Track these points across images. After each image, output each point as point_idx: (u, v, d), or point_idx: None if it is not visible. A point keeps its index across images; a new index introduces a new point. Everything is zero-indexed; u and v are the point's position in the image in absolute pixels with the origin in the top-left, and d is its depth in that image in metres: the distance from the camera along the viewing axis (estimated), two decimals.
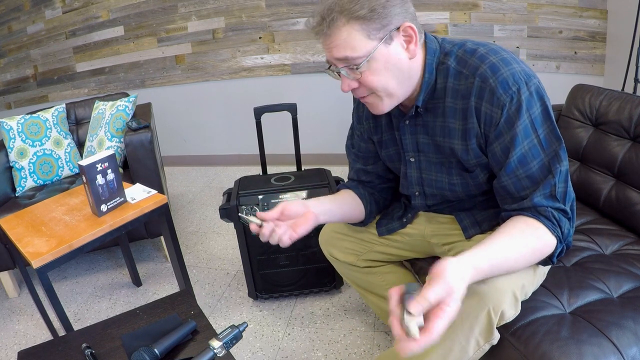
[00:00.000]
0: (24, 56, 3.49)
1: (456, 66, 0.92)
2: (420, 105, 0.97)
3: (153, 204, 1.51)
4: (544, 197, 0.87)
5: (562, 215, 0.87)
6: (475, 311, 0.86)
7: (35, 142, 2.21)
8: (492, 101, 0.87)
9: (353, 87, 0.92)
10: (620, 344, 0.86)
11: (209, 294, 1.94)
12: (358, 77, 0.90)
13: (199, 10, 3.01)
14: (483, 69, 0.88)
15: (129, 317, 1.18)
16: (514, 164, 0.89)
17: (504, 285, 0.86)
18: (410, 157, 1.08)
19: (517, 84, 0.86)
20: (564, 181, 0.88)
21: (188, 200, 2.92)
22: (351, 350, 1.55)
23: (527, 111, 0.86)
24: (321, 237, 1.40)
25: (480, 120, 0.91)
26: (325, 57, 0.93)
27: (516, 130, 0.87)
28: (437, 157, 1.03)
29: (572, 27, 2.48)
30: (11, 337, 1.81)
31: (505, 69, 0.87)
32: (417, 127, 1.02)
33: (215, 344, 0.91)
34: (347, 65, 0.89)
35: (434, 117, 0.98)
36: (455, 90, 0.93)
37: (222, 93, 3.22)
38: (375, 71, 0.89)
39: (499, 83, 0.86)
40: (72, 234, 1.35)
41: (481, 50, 0.91)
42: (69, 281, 2.15)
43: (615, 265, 1.08)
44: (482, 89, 0.88)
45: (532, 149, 0.88)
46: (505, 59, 0.88)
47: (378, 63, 0.88)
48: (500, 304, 0.86)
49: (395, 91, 0.92)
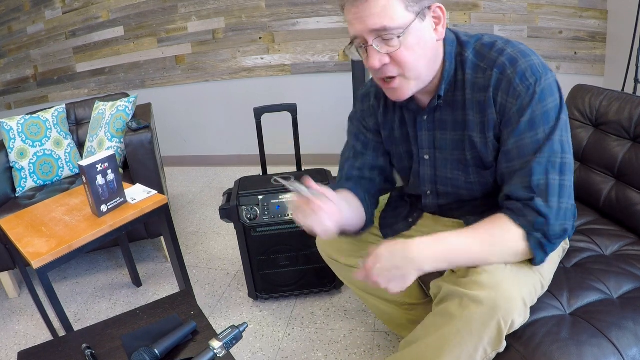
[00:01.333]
0: (24, 56, 3.49)
1: (474, 59, 0.92)
2: (442, 94, 0.94)
3: (153, 204, 1.51)
4: (517, 188, 0.88)
5: (527, 206, 0.86)
6: (485, 321, 0.84)
7: (36, 143, 2.21)
8: (508, 91, 0.87)
9: (385, 63, 0.87)
10: (620, 344, 0.86)
11: (209, 294, 1.94)
12: (392, 50, 0.85)
13: (199, 10, 3.01)
14: (501, 61, 0.87)
15: (129, 318, 1.18)
16: (509, 154, 0.89)
17: (514, 293, 0.84)
18: (424, 155, 1.05)
19: (534, 75, 0.85)
20: (549, 173, 0.86)
21: (188, 200, 2.92)
22: (351, 351, 1.55)
23: (539, 102, 0.85)
24: (319, 240, 1.35)
25: (497, 111, 0.90)
26: (352, 31, 0.88)
27: (523, 119, 0.86)
28: (454, 154, 1.00)
29: (572, 28, 2.48)
30: (11, 337, 1.81)
31: (523, 60, 0.86)
32: (435, 123, 1.00)
33: (216, 345, 0.91)
34: (382, 36, 0.84)
35: (453, 111, 0.96)
36: (473, 84, 0.92)
37: (222, 93, 3.22)
38: (409, 46, 0.85)
39: (517, 74, 0.86)
40: (72, 235, 1.35)
41: (499, 43, 0.90)
42: (69, 281, 2.15)
43: (615, 266, 1.08)
44: (500, 80, 0.87)
45: (533, 143, 0.87)
46: (524, 51, 0.88)
47: (413, 38, 0.85)
48: (511, 313, 0.84)
49: (423, 73, 0.90)
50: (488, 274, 0.86)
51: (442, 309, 0.91)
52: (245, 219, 1.66)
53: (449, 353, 0.88)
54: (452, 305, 0.88)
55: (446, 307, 0.90)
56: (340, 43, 2.83)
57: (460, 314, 0.86)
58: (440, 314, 0.92)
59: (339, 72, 2.92)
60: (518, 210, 0.88)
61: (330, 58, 2.90)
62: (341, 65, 2.90)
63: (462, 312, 0.86)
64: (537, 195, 0.86)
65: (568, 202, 0.88)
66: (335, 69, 2.92)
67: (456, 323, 0.87)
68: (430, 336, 0.93)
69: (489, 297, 0.83)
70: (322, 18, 2.83)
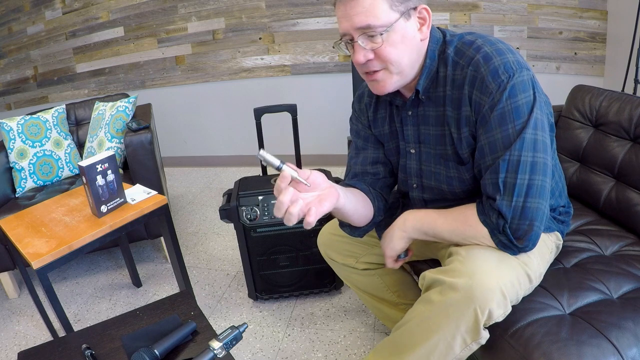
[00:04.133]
0: (24, 57, 3.49)
1: (454, 56, 0.94)
2: (420, 89, 0.97)
3: (153, 204, 1.51)
4: (486, 184, 0.91)
5: (490, 206, 0.90)
6: (460, 307, 0.86)
7: (35, 143, 2.21)
8: (481, 89, 0.88)
9: (369, 59, 0.91)
10: (620, 345, 0.86)
11: (209, 294, 1.94)
12: (376, 46, 0.90)
13: (199, 11, 3.01)
14: (477, 59, 0.90)
15: (129, 318, 1.18)
16: (482, 150, 0.91)
17: (491, 283, 0.85)
18: (410, 149, 1.08)
19: (507, 72, 0.86)
20: (518, 172, 0.87)
21: (188, 201, 2.92)
22: (351, 351, 1.55)
23: (509, 98, 0.86)
24: (320, 239, 1.39)
25: (471, 108, 0.92)
26: (340, 28, 0.93)
27: (493, 115, 0.88)
28: (437, 148, 1.03)
29: (572, 28, 2.49)
30: (11, 337, 1.81)
31: (497, 58, 0.88)
32: (419, 118, 1.03)
33: (215, 345, 0.91)
34: (367, 33, 0.89)
35: (435, 106, 0.99)
36: (452, 80, 0.94)
37: (222, 94, 3.22)
38: (393, 43, 0.90)
39: (489, 71, 0.87)
40: (72, 235, 1.35)
41: (478, 41, 0.92)
42: (69, 282, 2.15)
43: (615, 266, 1.08)
44: (474, 77, 0.89)
45: (504, 139, 0.88)
46: (500, 49, 0.89)
47: (396, 35, 0.89)
48: (488, 302, 0.85)
49: (406, 68, 0.94)
50: (468, 262, 0.89)
51: (425, 296, 0.94)
52: (245, 219, 1.66)
53: (426, 339, 0.91)
54: (434, 293, 0.91)
55: (428, 295, 0.93)
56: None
57: (439, 300, 0.89)
58: (423, 300, 0.95)
59: (339, 72, 2.92)
60: (484, 208, 0.92)
61: (330, 58, 2.91)
62: (341, 65, 2.90)
63: (440, 298, 0.89)
64: (502, 194, 0.88)
65: (537, 202, 0.88)
66: (335, 70, 2.92)
67: (434, 308, 0.90)
68: (412, 321, 0.96)
69: (465, 285, 0.85)
70: (322, 18, 2.83)
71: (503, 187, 0.88)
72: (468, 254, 0.91)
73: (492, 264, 0.88)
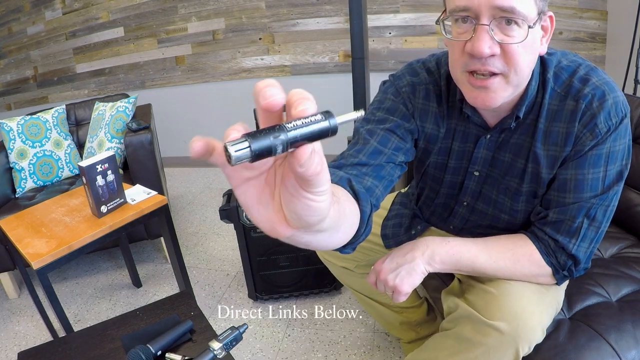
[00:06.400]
0: (24, 57, 3.49)
1: (552, 83, 0.82)
2: (521, 116, 0.83)
3: (153, 205, 1.51)
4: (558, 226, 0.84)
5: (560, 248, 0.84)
6: (503, 349, 0.82)
7: (35, 143, 2.21)
8: (588, 125, 0.78)
9: (495, 53, 0.72)
10: (619, 347, 0.86)
11: (209, 295, 1.94)
12: (509, 41, 0.71)
13: (199, 11, 3.01)
14: (587, 92, 0.78)
15: (129, 318, 1.18)
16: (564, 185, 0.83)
17: (534, 323, 0.82)
18: (474, 171, 0.94)
19: (617, 115, 0.78)
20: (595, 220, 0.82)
21: (188, 201, 2.92)
22: (351, 352, 1.55)
23: (613, 141, 0.79)
24: None
25: (573, 147, 0.81)
26: (460, 4, 0.71)
27: (591, 153, 0.79)
28: (507, 179, 0.90)
29: (572, 28, 2.49)
30: (11, 338, 1.82)
31: (610, 96, 0.78)
32: (498, 143, 0.89)
33: (215, 346, 0.91)
34: (507, 18, 0.70)
35: (521, 135, 0.85)
36: (548, 110, 0.82)
37: (222, 94, 3.22)
38: (527, 45, 0.72)
39: (602, 110, 0.77)
40: (72, 235, 1.35)
41: (581, 70, 0.81)
42: (69, 282, 2.15)
43: (614, 269, 1.08)
44: (584, 113, 0.79)
45: (593, 181, 0.80)
46: (609, 82, 0.80)
47: (530, 38, 0.72)
48: (531, 342, 0.82)
49: (523, 83, 0.78)
50: (507, 301, 0.83)
51: (457, 332, 0.89)
52: (245, 219, 1.66)
53: None
54: (468, 330, 0.86)
55: (461, 331, 0.87)
56: (341, 44, 2.83)
57: (479, 341, 0.83)
58: (454, 336, 0.89)
59: (339, 73, 2.92)
60: (547, 248, 0.85)
61: (330, 59, 2.91)
62: (341, 66, 2.90)
63: (479, 338, 0.83)
64: (580, 240, 0.83)
65: (597, 246, 0.86)
66: (335, 70, 2.92)
67: (471, 347, 0.85)
68: (441, 354, 0.91)
69: (509, 328, 0.80)
70: (322, 19, 2.83)
71: (583, 233, 0.83)
72: (503, 291, 0.84)
73: (534, 304, 0.84)
